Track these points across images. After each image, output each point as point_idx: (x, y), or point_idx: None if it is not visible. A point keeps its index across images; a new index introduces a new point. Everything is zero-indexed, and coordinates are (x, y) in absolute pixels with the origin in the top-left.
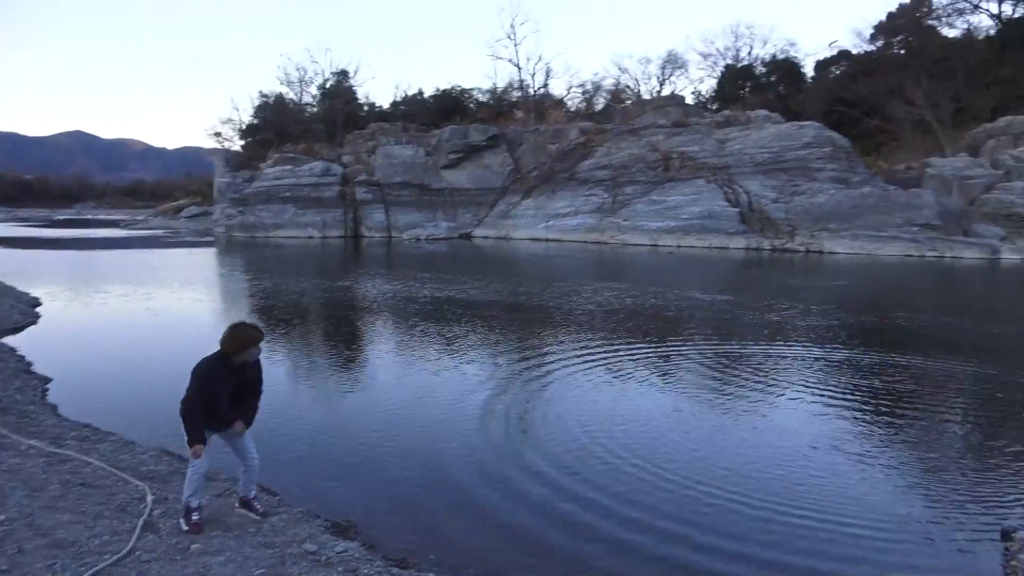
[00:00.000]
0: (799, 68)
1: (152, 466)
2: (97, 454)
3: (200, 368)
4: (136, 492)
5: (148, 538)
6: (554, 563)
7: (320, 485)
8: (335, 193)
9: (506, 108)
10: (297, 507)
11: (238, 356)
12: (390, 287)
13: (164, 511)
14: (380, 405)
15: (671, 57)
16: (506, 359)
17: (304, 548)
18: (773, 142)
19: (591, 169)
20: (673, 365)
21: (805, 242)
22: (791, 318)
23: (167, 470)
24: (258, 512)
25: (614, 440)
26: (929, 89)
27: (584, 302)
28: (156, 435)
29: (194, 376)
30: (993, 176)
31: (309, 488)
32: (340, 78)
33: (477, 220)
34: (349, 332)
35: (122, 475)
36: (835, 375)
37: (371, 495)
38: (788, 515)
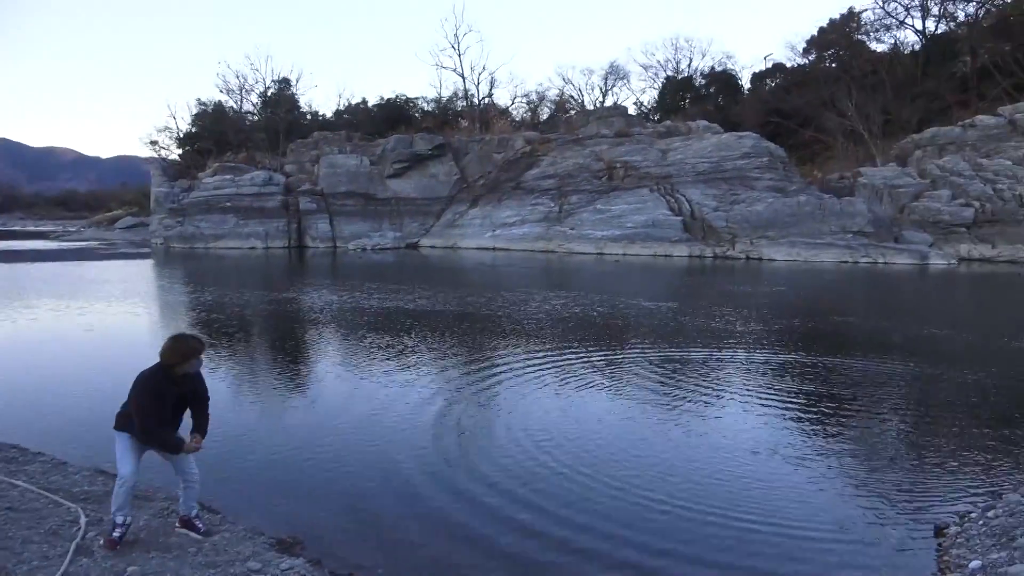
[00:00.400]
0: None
1: (86, 487)
2: (25, 476)
3: (142, 379)
4: (68, 515)
5: (81, 562)
6: (503, 574)
7: (265, 501)
8: (278, 203)
9: (451, 117)
10: (240, 524)
11: (180, 368)
12: (337, 298)
13: (99, 533)
14: (326, 418)
15: (613, 68)
16: (456, 369)
17: (248, 567)
18: (713, 152)
19: (537, 178)
20: (621, 372)
21: (745, 249)
22: (733, 323)
23: (102, 490)
24: (200, 531)
25: (562, 449)
26: (859, 101)
27: (533, 311)
28: (90, 454)
29: (138, 388)
30: (920, 185)
31: (253, 504)
32: (282, 86)
33: (424, 230)
34: (294, 344)
35: (53, 497)
36: (776, 378)
37: (318, 510)
38: (732, 519)
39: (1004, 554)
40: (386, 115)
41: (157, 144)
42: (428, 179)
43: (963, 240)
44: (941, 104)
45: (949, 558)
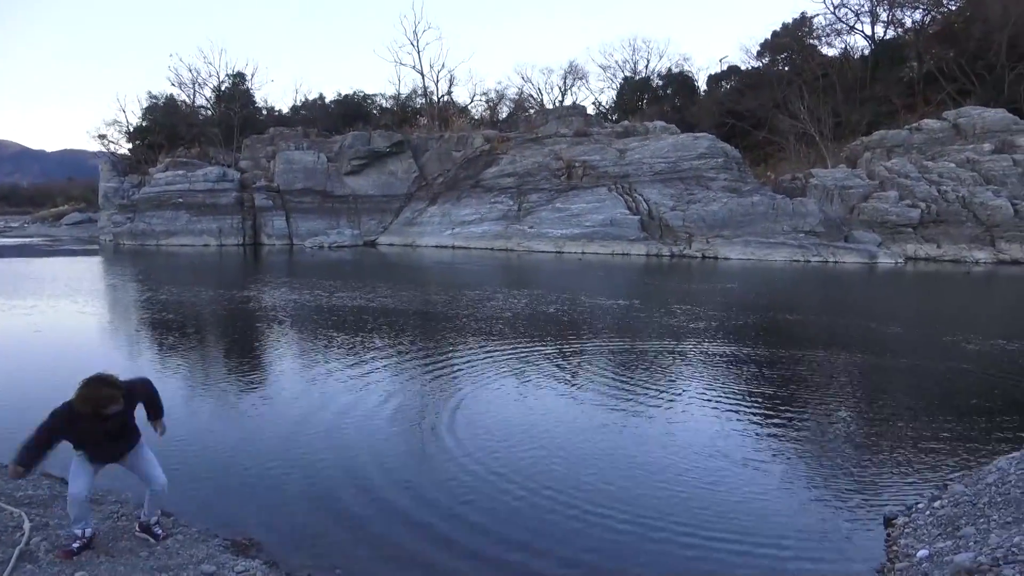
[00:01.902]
0: (693, 82)
1: (30, 491)
2: None
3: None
4: (12, 520)
5: (26, 568)
6: (463, 572)
7: (220, 503)
8: (232, 199)
9: (410, 115)
10: (194, 527)
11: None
12: (293, 296)
13: (45, 537)
14: (283, 419)
15: (572, 68)
16: (416, 368)
17: (201, 569)
18: (670, 152)
19: (496, 176)
20: (579, 369)
21: (701, 248)
22: (688, 321)
23: (48, 495)
24: (158, 537)
25: (516, 453)
26: (811, 104)
27: (493, 309)
28: None
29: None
30: (869, 186)
31: (207, 507)
32: (236, 80)
33: (382, 227)
34: (249, 344)
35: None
36: (727, 374)
37: (274, 511)
38: (683, 519)
39: (950, 543)
40: (344, 111)
41: (106, 138)
42: (386, 176)
43: (910, 240)
44: (889, 108)
45: (898, 548)
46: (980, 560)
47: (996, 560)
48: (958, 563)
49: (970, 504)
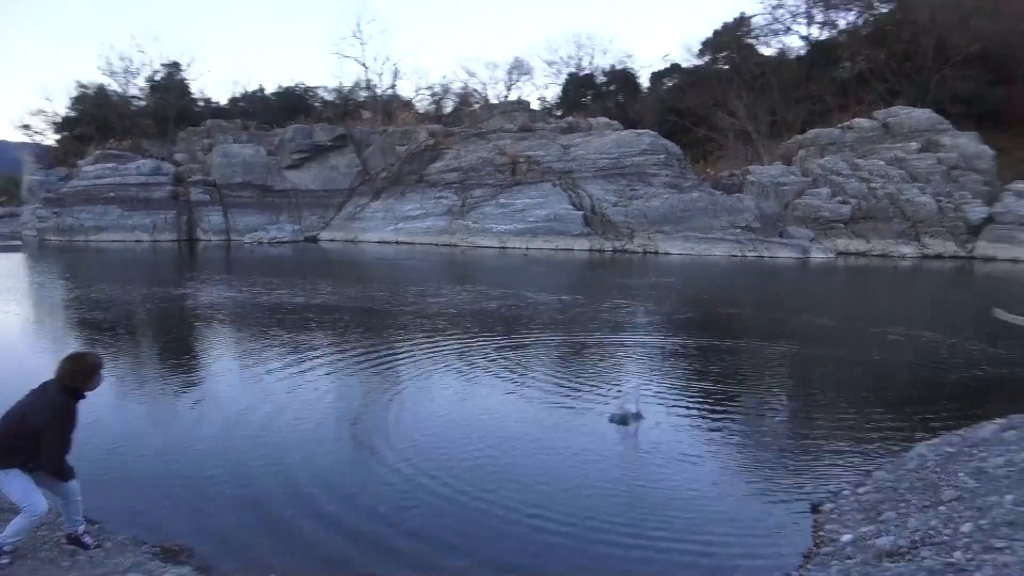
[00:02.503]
0: (636, 79)
1: None
2: None
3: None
4: None
5: None
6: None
7: (150, 509)
8: (167, 193)
9: (353, 108)
10: (121, 534)
11: (87, 387)
12: (231, 294)
13: None
14: (218, 421)
15: (517, 63)
16: (355, 368)
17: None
18: (613, 148)
19: (440, 171)
20: (517, 364)
21: (643, 243)
22: (631, 315)
23: None
24: (89, 547)
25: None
26: (749, 102)
27: (436, 305)
28: None
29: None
30: (803, 183)
31: (135, 512)
32: (171, 70)
33: (324, 223)
34: (184, 344)
35: None
36: (666, 367)
37: (205, 516)
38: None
39: (872, 527)
40: (284, 104)
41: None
42: (328, 171)
43: (841, 235)
44: (823, 107)
45: (824, 533)
46: (900, 543)
47: (915, 543)
48: (879, 546)
49: (892, 490)
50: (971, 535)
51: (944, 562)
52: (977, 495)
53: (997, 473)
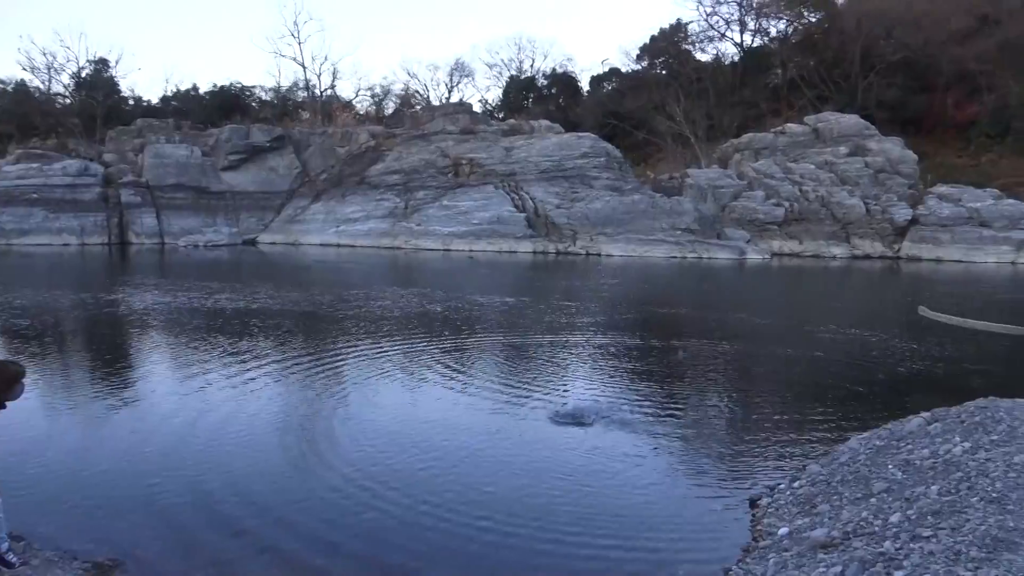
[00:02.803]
0: (576, 82)
1: None
2: None
3: None
4: None
5: None
6: None
7: (80, 523)
8: (96, 195)
9: (291, 108)
10: (49, 550)
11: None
12: (166, 299)
13: None
14: (152, 432)
15: (459, 65)
16: (297, 374)
17: None
18: (555, 151)
19: (382, 173)
20: (465, 371)
21: (585, 245)
22: (574, 316)
23: None
24: (13, 565)
25: (398, 460)
26: (686, 107)
27: (379, 309)
28: None
29: None
30: (739, 186)
31: (67, 527)
32: (98, 67)
33: (263, 225)
34: (116, 352)
35: None
36: (608, 367)
37: (139, 530)
38: (555, 517)
39: (807, 520)
40: (220, 103)
41: None
42: (267, 172)
43: (775, 237)
44: (757, 112)
45: (762, 527)
46: (833, 535)
47: (847, 534)
48: (814, 538)
49: (825, 483)
50: (899, 525)
51: (875, 552)
52: (905, 486)
53: (923, 465)
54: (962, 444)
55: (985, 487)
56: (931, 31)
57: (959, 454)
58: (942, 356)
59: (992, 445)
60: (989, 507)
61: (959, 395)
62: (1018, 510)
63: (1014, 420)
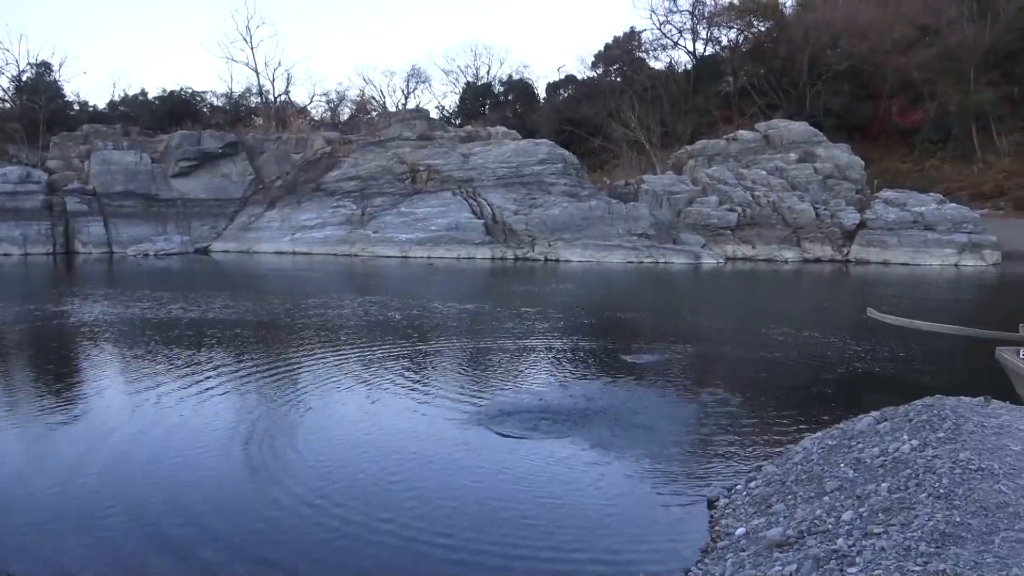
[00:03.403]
0: (533, 89)
1: None
2: None
3: None
4: None
5: None
6: None
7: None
8: (39, 203)
9: (244, 114)
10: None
11: None
12: (115, 310)
13: None
14: (104, 449)
15: (415, 71)
16: (250, 386)
17: None
18: (512, 157)
19: (338, 180)
20: (422, 381)
21: (544, 251)
22: (534, 321)
23: None
24: None
25: (351, 475)
26: (641, 114)
27: (336, 318)
28: None
29: None
30: (694, 191)
31: (12, 550)
32: (40, 70)
33: (215, 233)
34: (59, 365)
35: None
36: (567, 372)
37: (84, 551)
38: (513, 521)
39: (763, 520)
40: (170, 109)
41: None
42: (219, 179)
43: (729, 241)
44: (710, 119)
45: (720, 528)
46: (788, 533)
47: (801, 532)
48: (770, 537)
49: (780, 483)
50: (851, 522)
51: (828, 549)
52: (856, 484)
53: (874, 463)
54: (910, 442)
55: (933, 483)
56: (875, 41)
57: (907, 452)
58: (890, 356)
59: (938, 442)
60: (937, 503)
61: (907, 394)
62: (964, 505)
63: (959, 418)
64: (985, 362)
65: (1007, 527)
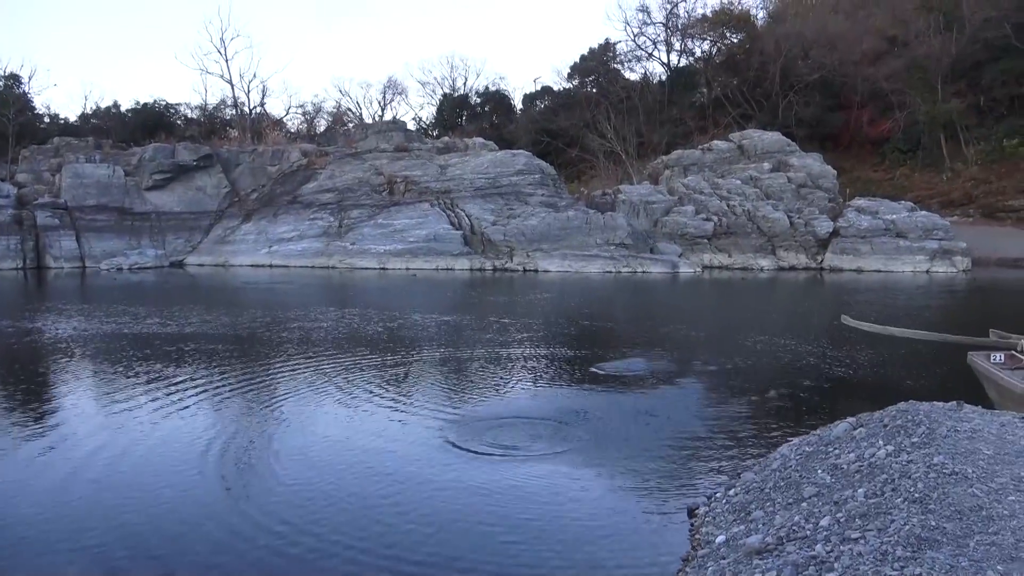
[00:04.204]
0: (510, 100)
1: None
2: None
3: None
4: None
5: None
6: None
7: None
8: (8, 217)
9: (219, 126)
10: None
11: None
12: (88, 325)
13: None
14: (75, 466)
15: (391, 83)
16: (226, 401)
17: None
18: (490, 168)
19: (315, 192)
20: (402, 394)
21: (522, 262)
22: (513, 330)
23: None
24: None
25: (332, 497)
26: (617, 124)
27: (313, 331)
28: None
29: None
30: (670, 201)
31: None
32: (9, 83)
33: (190, 246)
34: (35, 383)
35: None
36: (542, 378)
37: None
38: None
39: (743, 527)
40: (143, 121)
41: None
42: (194, 192)
43: (705, 250)
44: (685, 129)
45: (700, 536)
46: (767, 540)
47: (780, 539)
48: (749, 545)
49: (759, 490)
50: (829, 528)
51: (807, 555)
52: (833, 490)
53: (850, 469)
54: (885, 447)
55: (908, 488)
56: (845, 52)
57: (883, 457)
58: (865, 362)
59: (913, 447)
60: (912, 507)
61: (882, 399)
62: (939, 509)
63: (932, 422)
64: (957, 367)
65: (981, 530)
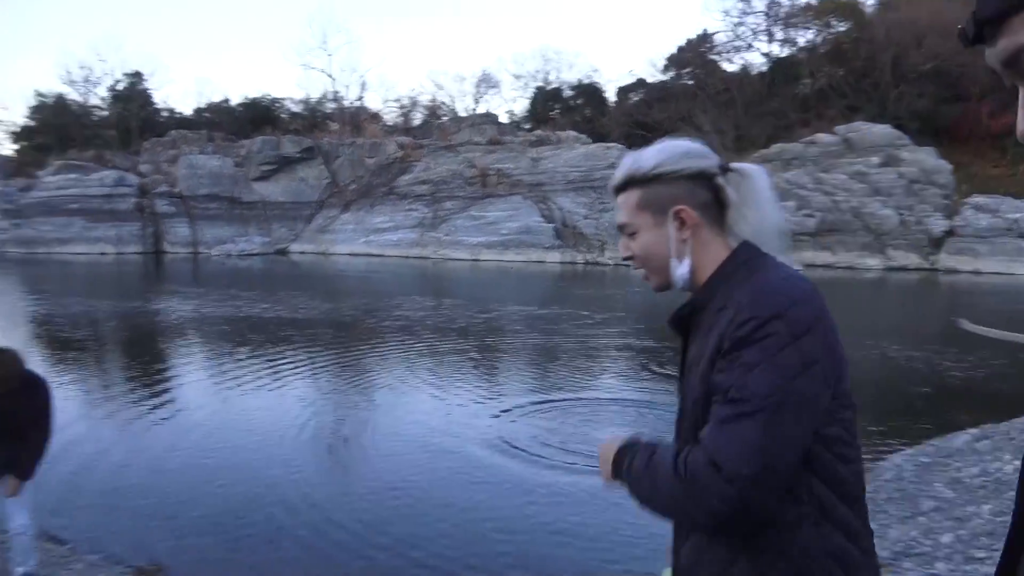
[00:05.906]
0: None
1: None
2: None
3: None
4: None
5: None
6: None
7: (123, 527)
8: (131, 205)
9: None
10: (94, 554)
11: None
12: (201, 306)
13: None
14: (188, 436)
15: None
16: (331, 382)
17: None
18: (582, 161)
19: (410, 184)
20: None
21: (614, 256)
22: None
23: None
24: None
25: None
26: (714, 117)
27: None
28: None
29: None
30: None
31: (109, 532)
32: (134, 80)
33: (293, 235)
34: (151, 357)
35: None
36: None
37: (182, 534)
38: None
39: None
40: (251, 115)
41: None
42: (297, 183)
43: (807, 248)
44: (786, 122)
45: None
46: (882, 555)
47: (896, 554)
48: None
49: (871, 501)
50: (952, 546)
51: (927, 573)
52: (955, 505)
53: (973, 483)
54: (1013, 462)
55: None
56: None
57: (1011, 472)
58: (986, 370)
59: None
60: None
61: (1005, 411)
62: None
63: None
64: None
65: None
